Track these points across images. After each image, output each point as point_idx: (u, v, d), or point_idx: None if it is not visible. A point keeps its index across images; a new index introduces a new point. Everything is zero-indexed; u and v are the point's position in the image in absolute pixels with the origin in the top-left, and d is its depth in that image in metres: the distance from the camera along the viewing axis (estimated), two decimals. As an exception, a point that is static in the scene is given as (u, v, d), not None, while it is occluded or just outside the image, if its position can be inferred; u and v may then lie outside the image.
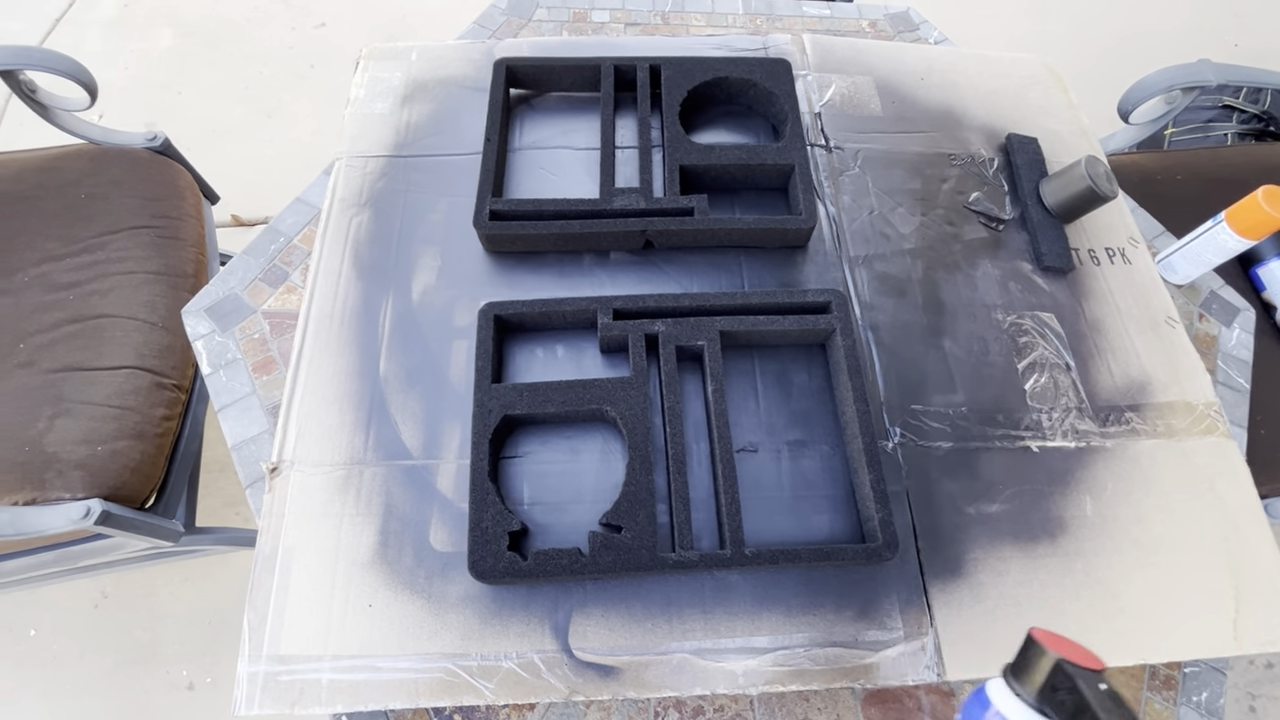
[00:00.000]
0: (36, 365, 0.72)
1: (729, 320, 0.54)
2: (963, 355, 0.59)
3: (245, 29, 1.66)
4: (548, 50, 0.73)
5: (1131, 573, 0.52)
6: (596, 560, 0.46)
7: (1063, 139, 0.73)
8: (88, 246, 0.81)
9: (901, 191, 0.67)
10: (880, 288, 0.61)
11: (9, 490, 0.65)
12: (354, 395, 0.55)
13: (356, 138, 0.68)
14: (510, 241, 0.59)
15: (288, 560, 0.49)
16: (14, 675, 0.98)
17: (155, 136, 0.90)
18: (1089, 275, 0.65)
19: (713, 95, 0.69)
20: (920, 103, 0.73)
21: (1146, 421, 0.58)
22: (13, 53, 0.76)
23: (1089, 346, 0.61)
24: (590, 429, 0.54)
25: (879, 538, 0.47)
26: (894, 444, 0.54)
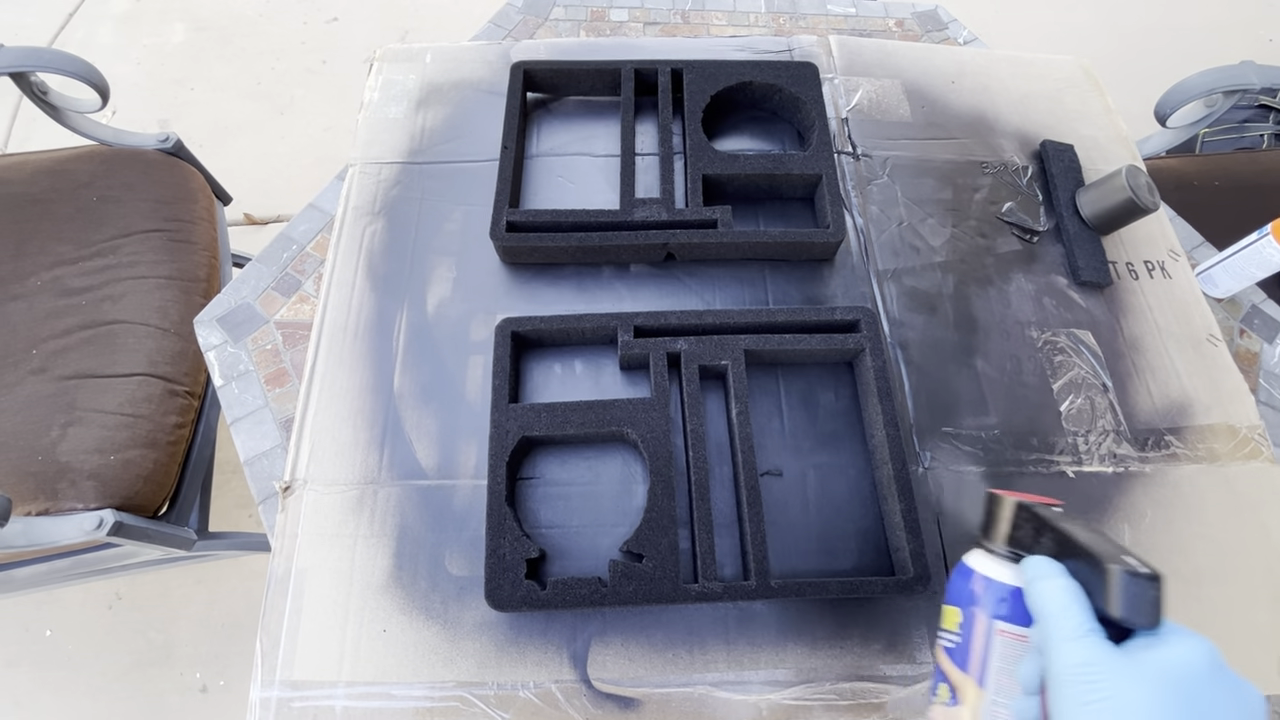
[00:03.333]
0: (49, 372, 0.72)
1: (753, 339, 0.52)
2: (995, 375, 0.57)
3: (258, 24, 1.65)
4: (566, 53, 0.71)
5: (1171, 607, 0.49)
6: (617, 590, 0.44)
7: (1100, 146, 0.70)
8: (100, 250, 0.80)
9: (932, 201, 0.64)
10: (910, 303, 0.59)
11: (22, 500, 0.65)
12: (368, 412, 0.54)
13: (370, 143, 0.66)
14: (528, 253, 0.58)
15: (301, 582, 0.48)
16: (32, 675, 0.98)
17: (167, 138, 0.89)
18: (1127, 290, 0.62)
19: (736, 100, 0.66)
20: (951, 107, 0.70)
21: (1187, 445, 0.56)
22: (24, 54, 0.75)
23: (1127, 366, 0.59)
24: (610, 449, 0.52)
25: (910, 570, 0.45)
26: (924, 468, 0.52)
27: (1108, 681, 0.26)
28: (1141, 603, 0.28)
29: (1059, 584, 0.30)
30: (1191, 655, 0.27)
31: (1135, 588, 0.28)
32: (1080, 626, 0.28)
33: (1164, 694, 0.26)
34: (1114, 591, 0.28)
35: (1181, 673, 0.26)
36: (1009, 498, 0.34)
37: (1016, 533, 0.33)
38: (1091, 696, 0.26)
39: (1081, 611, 0.28)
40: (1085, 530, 0.31)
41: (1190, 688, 0.26)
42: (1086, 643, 0.27)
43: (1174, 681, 0.26)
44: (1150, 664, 0.26)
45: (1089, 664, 0.27)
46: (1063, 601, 0.29)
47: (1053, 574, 0.30)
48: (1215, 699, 0.26)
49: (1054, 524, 0.31)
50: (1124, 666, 0.27)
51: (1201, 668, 0.26)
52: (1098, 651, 0.27)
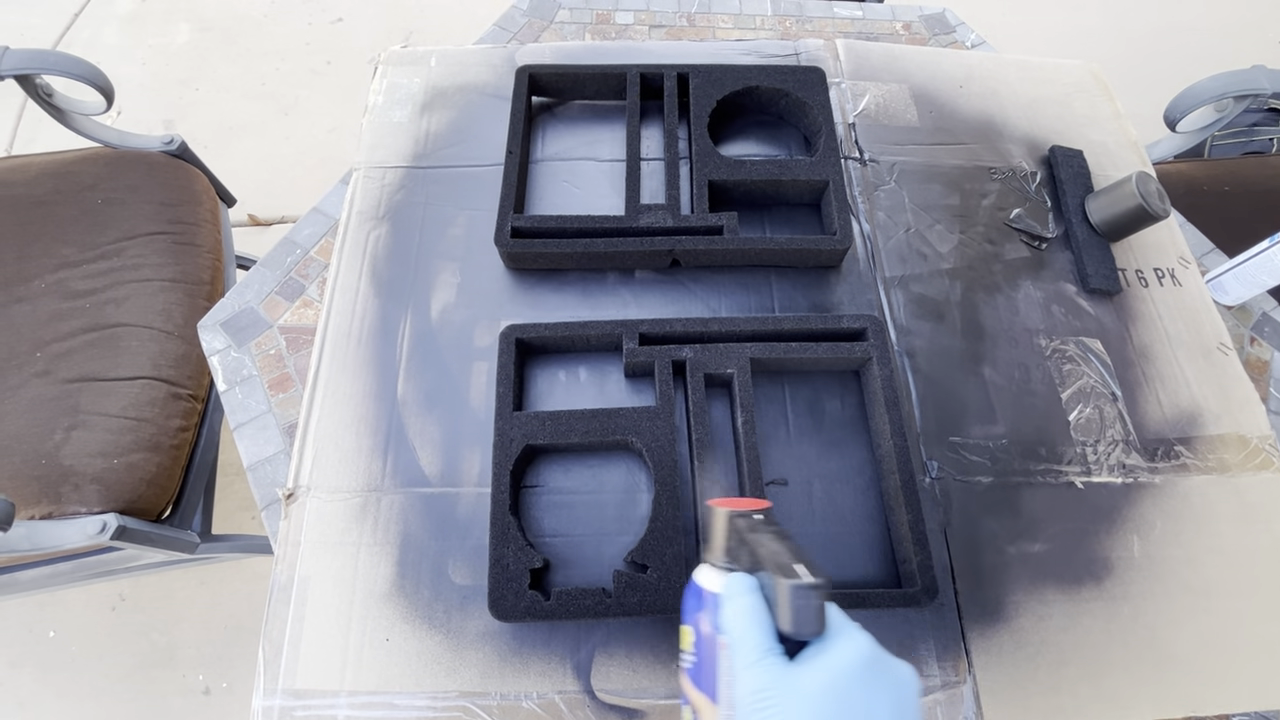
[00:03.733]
0: (53, 375, 0.72)
1: (759, 346, 0.51)
2: (1003, 384, 0.56)
3: (262, 24, 1.65)
4: (571, 56, 0.70)
5: (1181, 618, 0.49)
6: (622, 601, 0.44)
7: (1109, 151, 0.69)
8: (104, 253, 0.80)
9: (939, 207, 0.64)
10: (917, 310, 0.58)
11: (26, 504, 0.65)
12: (371, 419, 0.53)
13: (374, 147, 0.66)
14: (532, 259, 0.57)
15: (303, 590, 0.48)
16: (35, 676, 0.98)
17: (172, 140, 0.88)
18: (1136, 298, 0.62)
19: (742, 105, 0.66)
20: (959, 112, 0.70)
21: (1197, 456, 0.55)
22: (29, 57, 0.75)
23: (1136, 375, 0.58)
24: (614, 457, 0.52)
25: (917, 582, 0.45)
26: (931, 478, 0.52)
27: (775, 705, 0.27)
28: (805, 614, 0.28)
29: (740, 605, 0.30)
30: (845, 655, 0.28)
31: (798, 600, 0.28)
32: (756, 650, 0.28)
33: (821, 704, 0.27)
34: (780, 606, 0.28)
35: (836, 675, 0.27)
36: (721, 509, 0.34)
37: (730, 544, 0.33)
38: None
39: (759, 634, 0.29)
40: (771, 540, 0.31)
41: (845, 687, 0.27)
42: (760, 667, 0.28)
43: (830, 686, 0.27)
44: (810, 675, 0.27)
45: (761, 690, 0.27)
46: (743, 625, 0.29)
47: (738, 594, 0.30)
48: (869, 690, 0.27)
49: (748, 539, 0.31)
50: (790, 686, 0.27)
51: (854, 664, 0.27)
52: (769, 675, 0.28)
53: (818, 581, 0.28)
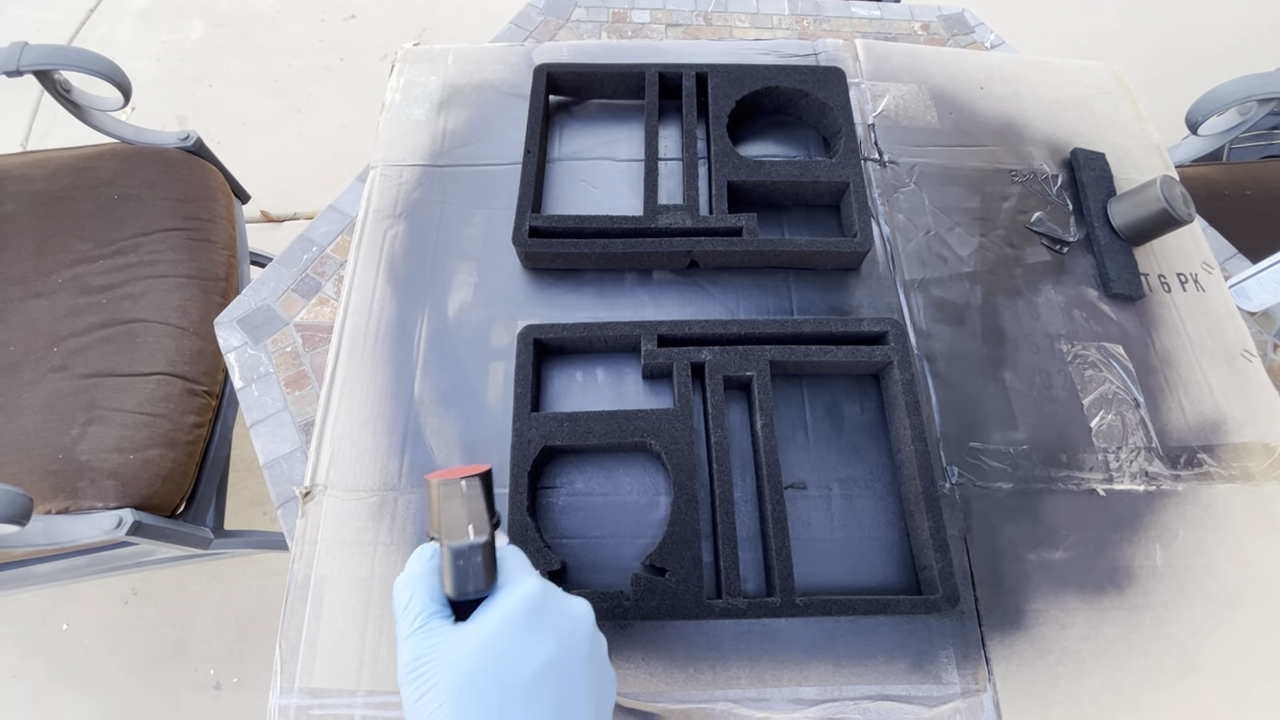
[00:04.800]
0: (70, 370, 0.72)
1: (779, 349, 0.51)
2: (1024, 389, 0.55)
3: (275, 21, 1.66)
4: (589, 55, 0.70)
5: (1204, 628, 0.49)
6: (640, 605, 0.44)
7: (1132, 154, 0.69)
8: (120, 249, 0.80)
9: (959, 210, 0.63)
10: (937, 314, 0.58)
11: (43, 498, 0.65)
12: (388, 417, 0.53)
13: (391, 145, 0.66)
14: (550, 259, 0.57)
15: (320, 589, 0.48)
16: (48, 668, 0.99)
17: (188, 136, 0.89)
18: (1159, 303, 0.61)
19: (761, 105, 0.65)
20: (979, 114, 0.69)
21: (1220, 463, 0.54)
22: (48, 53, 0.75)
23: (1159, 381, 0.57)
24: (631, 459, 0.52)
25: (938, 589, 0.45)
26: (951, 484, 0.51)
27: (430, 669, 0.26)
28: (465, 573, 0.27)
29: (402, 578, 0.29)
30: (507, 603, 0.27)
31: (459, 560, 0.27)
32: (415, 620, 0.27)
33: (475, 659, 0.25)
34: (444, 571, 0.27)
35: (497, 624, 0.26)
36: (431, 480, 0.31)
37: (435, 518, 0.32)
38: (419, 691, 0.26)
39: (421, 601, 0.28)
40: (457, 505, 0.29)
41: (507, 634, 0.26)
42: (417, 636, 0.27)
43: (490, 636, 0.26)
44: (468, 631, 0.26)
45: (417, 658, 0.26)
46: (404, 596, 0.28)
47: (410, 565, 0.29)
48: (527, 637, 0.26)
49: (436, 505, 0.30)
50: (448, 648, 0.26)
51: (516, 610, 0.26)
52: (426, 641, 0.26)
53: (476, 540, 0.27)
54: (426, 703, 0.25)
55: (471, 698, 0.25)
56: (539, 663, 0.26)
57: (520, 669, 0.25)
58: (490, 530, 0.28)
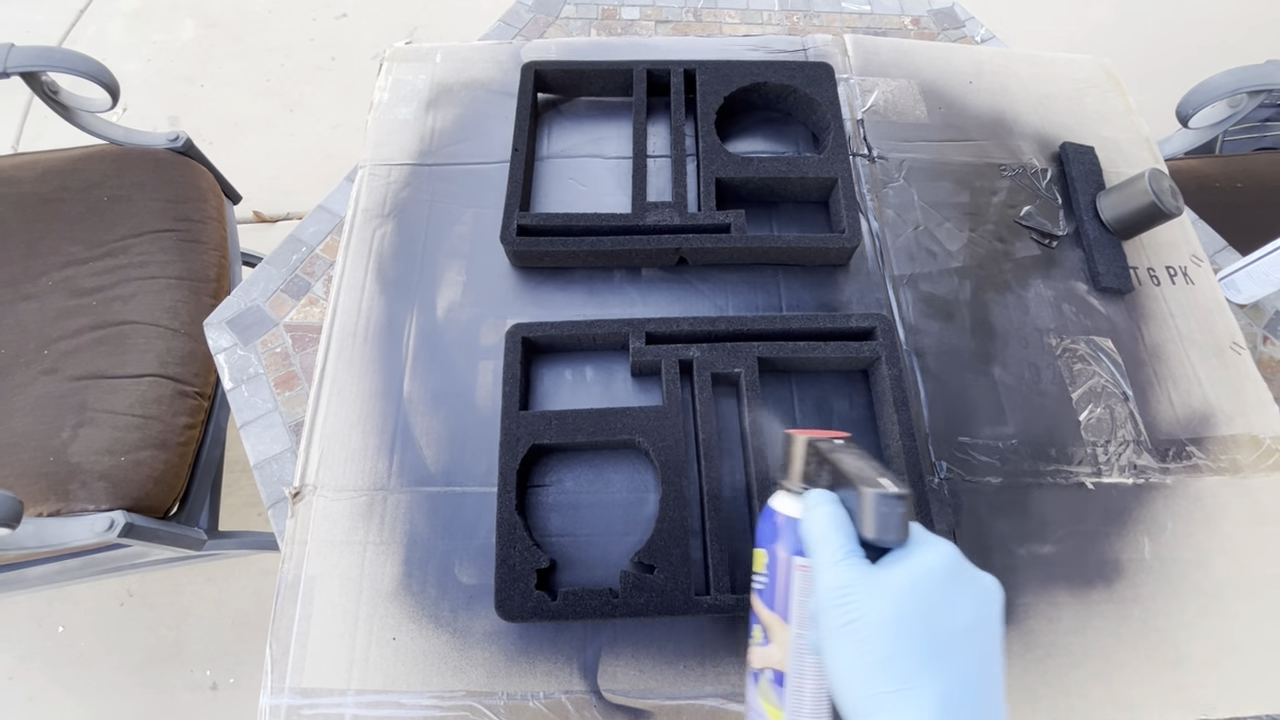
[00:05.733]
0: (60, 372, 0.72)
1: (767, 346, 0.51)
2: (1013, 383, 0.56)
3: (267, 20, 1.65)
4: (577, 53, 0.70)
5: (1193, 621, 0.49)
6: (628, 602, 0.44)
7: (1121, 148, 0.69)
8: (110, 250, 0.80)
9: (949, 205, 0.63)
10: (926, 309, 0.58)
11: (34, 501, 0.65)
12: (377, 417, 0.53)
13: (380, 144, 0.66)
14: (538, 258, 0.57)
15: (310, 589, 0.48)
16: (45, 671, 0.99)
17: (177, 137, 0.88)
18: (1148, 296, 0.61)
19: (750, 101, 0.65)
20: (969, 108, 0.69)
21: (1209, 456, 0.55)
22: (35, 54, 0.74)
23: (1148, 374, 0.57)
24: (621, 456, 0.52)
25: (926, 583, 0.45)
26: (940, 479, 0.51)
27: (859, 601, 0.27)
28: (889, 521, 0.29)
29: (821, 513, 0.31)
30: (929, 560, 0.28)
31: (883, 507, 0.29)
32: (838, 551, 0.29)
33: (904, 603, 0.27)
34: (864, 513, 0.29)
35: (920, 579, 0.28)
36: (800, 436, 0.35)
37: (808, 469, 0.35)
38: (846, 618, 0.27)
39: (840, 537, 0.29)
40: (854, 459, 0.32)
41: (927, 593, 0.27)
42: (842, 567, 0.28)
43: (912, 589, 0.27)
44: (894, 577, 0.28)
45: (843, 586, 0.28)
46: (824, 529, 0.30)
47: (819, 504, 0.31)
48: (951, 595, 0.27)
49: (828, 457, 0.33)
50: (872, 584, 0.28)
51: (938, 570, 0.28)
52: (852, 573, 0.28)
53: (903, 491, 0.29)
54: (854, 630, 0.27)
55: (903, 634, 0.26)
56: (964, 621, 0.27)
57: (948, 621, 0.27)
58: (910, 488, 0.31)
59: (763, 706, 0.34)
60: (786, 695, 0.33)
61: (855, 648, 0.27)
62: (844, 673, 0.27)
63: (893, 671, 0.26)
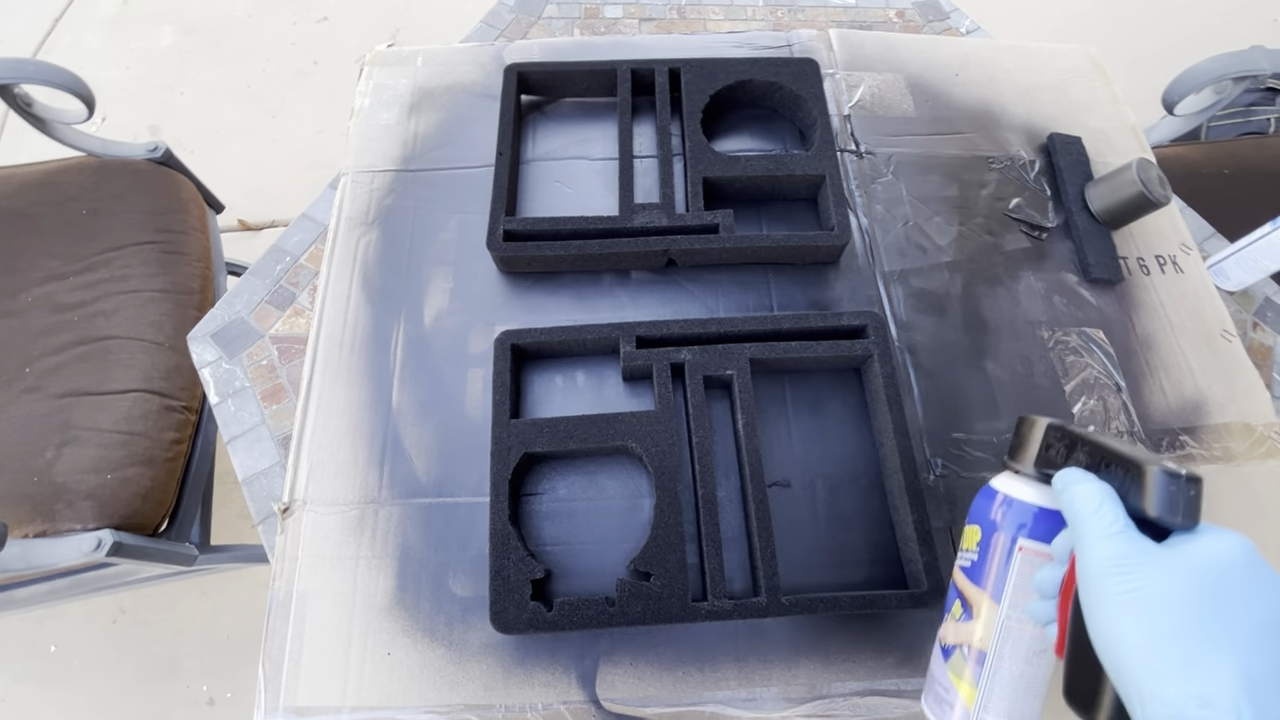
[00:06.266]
0: (43, 390, 0.71)
1: (759, 347, 0.51)
2: (1006, 377, 0.55)
3: (247, 25, 1.63)
4: (560, 53, 0.69)
5: (1190, 610, 0.49)
6: (625, 610, 0.43)
7: (1108, 137, 0.68)
8: (91, 264, 0.79)
9: (938, 199, 0.63)
10: (917, 305, 0.58)
11: (19, 522, 0.64)
12: (366, 429, 0.53)
13: (362, 151, 0.65)
14: (526, 263, 0.56)
15: (302, 606, 0.47)
16: (38, 693, 0.98)
17: (156, 147, 0.87)
18: (1139, 286, 0.61)
19: (735, 99, 0.65)
20: (955, 101, 0.69)
21: (1203, 445, 0.55)
22: (5, 66, 0.73)
23: (1140, 364, 0.57)
24: (614, 462, 0.51)
25: (923, 583, 0.44)
26: (935, 476, 0.51)
27: (1141, 573, 0.26)
28: (1180, 501, 0.28)
29: (1092, 487, 0.30)
30: (1227, 548, 0.27)
31: (1174, 487, 0.28)
32: (1114, 524, 0.28)
33: (1196, 584, 0.26)
34: (1151, 490, 0.28)
35: (1215, 564, 0.26)
36: (1041, 419, 0.35)
37: (1047, 452, 0.34)
38: (1124, 586, 0.26)
39: (1114, 510, 0.29)
40: (1121, 442, 0.31)
41: (1222, 579, 0.26)
42: (1121, 539, 0.28)
43: (1206, 572, 0.26)
44: (1184, 557, 0.26)
45: (1122, 557, 0.27)
46: (1096, 502, 0.29)
47: (1086, 479, 0.30)
48: (1249, 591, 0.26)
49: (1089, 439, 0.32)
50: (1157, 559, 0.27)
51: (1237, 561, 0.26)
52: (1131, 545, 0.27)
53: (1195, 474, 0.28)
54: (1140, 598, 0.26)
55: (1193, 611, 0.25)
56: (1264, 616, 0.25)
57: (1248, 612, 0.25)
58: None
59: (951, 681, 0.34)
60: (983, 674, 0.33)
61: (1140, 616, 0.26)
62: (1124, 640, 0.26)
63: (1190, 642, 0.25)
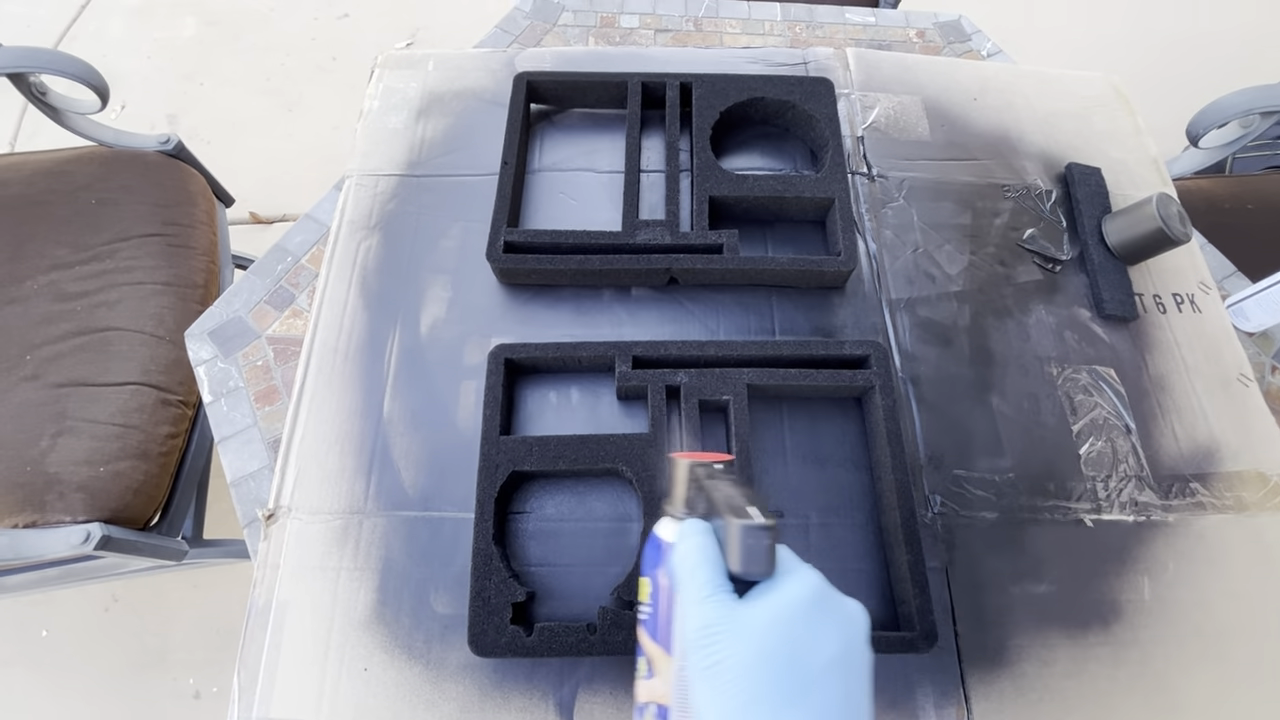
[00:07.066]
0: (42, 379, 0.71)
1: (757, 373, 0.50)
2: (1012, 414, 0.54)
3: (269, 19, 1.64)
4: (572, 63, 0.68)
5: (1192, 665, 0.47)
6: (606, 640, 0.42)
7: (1129, 169, 0.67)
8: (97, 254, 0.79)
9: (949, 226, 0.62)
10: (923, 335, 0.56)
11: (9, 512, 0.64)
12: (356, 437, 0.52)
13: (368, 154, 0.64)
14: (525, 275, 0.56)
15: (281, 615, 0.47)
16: (27, 676, 0.98)
17: (168, 139, 0.87)
18: (1153, 325, 0.59)
19: (747, 116, 0.64)
20: (972, 126, 0.67)
21: (1214, 493, 0.53)
22: (21, 55, 0.73)
23: (1151, 406, 0.56)
24: (604, 483, 0.50)
25: (915, 626, 0.43)
26: (934, 513, 0.50)
27: (721, 643, 0.26)
28: (755, 554, 0.28)
29: (690, 545, 0.30)
30: (792, 591, 0.27)
31: (749, 539, 0.28)
32: (704, 588, 0.28)
33: (768, 639, 0.26)
34: (731, 547, 0.28)
35: (783, 609, 0.27)
36: (682, 460, 0.34)
37: (689, 494, 0.33)
38: (707, 661, 0.26)
39: (709, 572, 0.28)
40: (727, 487, 0.31)
41: (791, 621, 0.27)
42: (708, 605, 0.27)
43: (776, 620, 0.26)
44: (760, 613, 0.27)
45: (708, 626, 0.27)
46: (692, 563, 0.29)
47: (690, 535, 0.30)
48: (816, 631, 0.27)
49: (703, 483, 0.32)
50: (738, 623, 0.27)
51: (801, 600, 0.27)
52: (717, 612, 0.27)
53: (768, 523, 0.28)
54: (718, 673, 0.26)
55: (766, 676, 0.26)
56: (829, 655, 0.26)
57: (811, 658, 0.26)
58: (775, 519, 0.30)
59: None
60: None
61: (717, 693, 0.26)
62: (708, 715, 0.26)
63: (754, 717, 0.25)
